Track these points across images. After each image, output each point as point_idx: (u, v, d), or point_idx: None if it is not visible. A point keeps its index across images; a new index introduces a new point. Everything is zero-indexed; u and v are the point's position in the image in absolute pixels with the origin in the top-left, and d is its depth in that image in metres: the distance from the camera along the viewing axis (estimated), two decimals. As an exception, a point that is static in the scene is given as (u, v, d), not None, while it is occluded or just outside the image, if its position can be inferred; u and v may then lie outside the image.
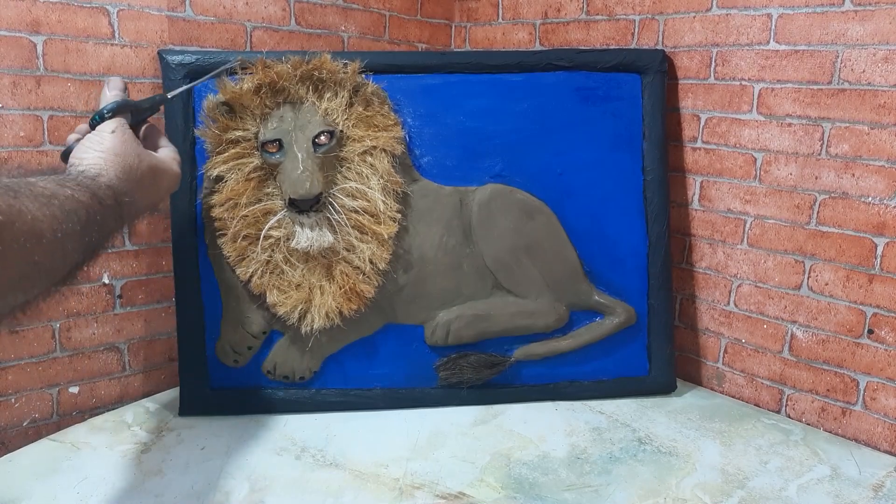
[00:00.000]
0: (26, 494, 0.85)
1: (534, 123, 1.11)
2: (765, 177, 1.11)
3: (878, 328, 1.02)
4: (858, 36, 0.99)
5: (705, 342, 1.23)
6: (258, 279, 1.02)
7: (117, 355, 1.11)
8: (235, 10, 1.15)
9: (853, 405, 1.06)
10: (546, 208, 1.11)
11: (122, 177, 0.68)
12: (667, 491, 0.90)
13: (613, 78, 1.13)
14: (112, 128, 0.71)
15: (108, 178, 0.66)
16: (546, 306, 1.11)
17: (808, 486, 0.92)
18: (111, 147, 0.69)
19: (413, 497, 0.87)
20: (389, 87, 1.06)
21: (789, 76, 1.07)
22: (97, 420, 1.05)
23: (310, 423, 1.05)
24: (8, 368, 1.00)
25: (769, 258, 1.13)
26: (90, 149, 0.68)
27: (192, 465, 0.93)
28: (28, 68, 0.96)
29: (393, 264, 1.05)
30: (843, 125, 1.02)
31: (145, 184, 0.72)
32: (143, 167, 0.71)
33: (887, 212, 0.99)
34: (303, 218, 0.98)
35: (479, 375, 1.11)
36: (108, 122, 0.72)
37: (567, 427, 1.06)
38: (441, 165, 1.09)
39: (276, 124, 0.99)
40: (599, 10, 1.27)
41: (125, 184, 0.68)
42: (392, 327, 1.10)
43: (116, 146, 0.69)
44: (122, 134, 0.71)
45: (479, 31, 1.46)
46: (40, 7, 0.96)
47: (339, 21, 1.29)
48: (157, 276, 1.13)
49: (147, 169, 0.72)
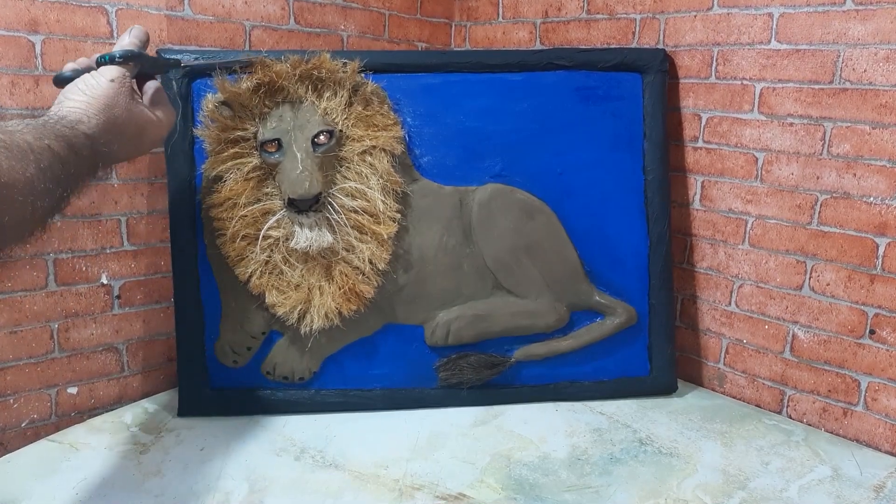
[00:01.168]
0: (25, 495, 0.85)
1: (534, 123, 1.11)
2: (766, 176, 1.11)
3: (879, 328, 1.02)
4: (860, 35, 0.99)
5: (706, 343, 1.23)
6: (257, 279, 1.02)
7: (116, 356, 1.11)
8: (234, 10, 1.15)
9: (854, 406, 1.05)
10: (546, 208, 1.11)
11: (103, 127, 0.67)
12: (668, 492, 0.89)
13: (614, 77, 1.12)
14: (113, 76, 0.71)
15: (89, 125, 0.66)
16: (546, 306, 1.11)
17: (810, 486, 0.92)
18: (103, 95, 0.69)
19: (413, 498, 0.86)
20: (389, 87, 1.05)
21: (791, 76, 1.06)
22: (96, 421, 1.05)
23: (309, 423, 1.05)
24: (6, 369, 0.99)
25: (770, 258, 1.12)
26: (82, 91, 0.68)
27: (191, 466, 0.92)
28: (26, 68, 0.95)
29: (393, 264, 1.05)
30: (845, 125, 1.02)
31: (127, 136, 0.71)
32: (130, 122, 0.71)
33: (889, 212, 0.99)
34: (302, 218, 0.98)
35: (480, 376, 1.10)
36: (112, 68, 0.71)
37: (567, 428, 1.05)
38: (441, 165, 1.09)
39: (275, 124, 0.98)
40: (600, 9, 1.27)
41: (105, 134, 0.67)
42: (392, 327, 1.09)
43: (110, 96, 0.69)
44: (121, 86, 0.71)
45: (479, 30, 1.45)
46: (39, 6, 0.95)
47: (338, 20, 1.29)
48: (155, 277, 1.13)
49: (133, 124, 0.72)
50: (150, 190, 1.10)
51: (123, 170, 1.06)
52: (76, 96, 0.68)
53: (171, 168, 1.03)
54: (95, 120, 0.67)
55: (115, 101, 0.69)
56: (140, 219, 1.10)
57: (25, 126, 0.57)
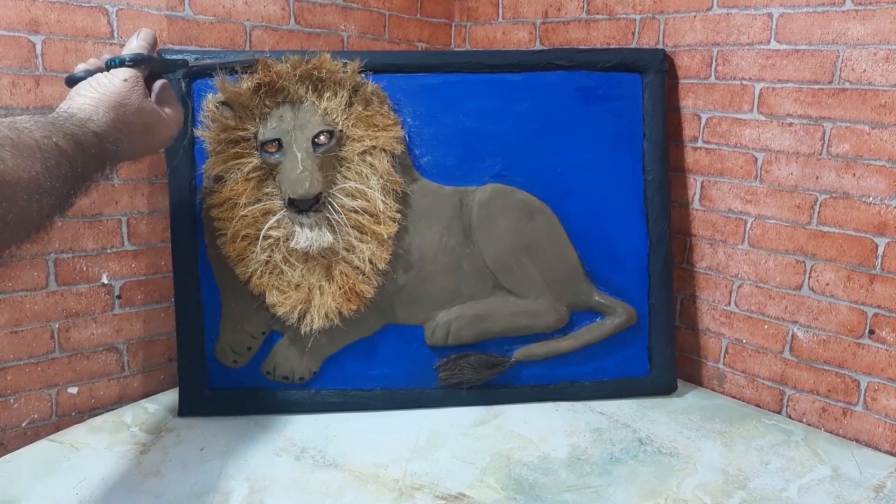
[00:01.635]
0: (25, 495, 0.85)
1: (534, 123, 1.11)
2: (765, 176, 1.11)
3: (879, 328, 1.02)
4: (859, 35, 0.99)
5: (706, 342, 1.23)
6: (257, 279, 1.02)
7: (116, 356, 1.11)
8: (234, 10, 1.15)
9: (854, 406, 1.05)
10: (546, 208, 1.11)
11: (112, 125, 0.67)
12: (667, 492, 0.89)
13: (614, 77, 1.12)
14: (125, 76, 0.71)
15: (98, 123, 0.66)
16: (546, 306, 1.11)
17: (809, 486, 0.92)
18: (116, 94, 0.69)
19: (413, 498, 0.86)
20: (389, 87, 1.05)
21: (790, 76, 1.06)
22: (96, 421, 1.05)
23: (309, 423, 1.05)
24: (7, 369, 0.99)
25: (770, 258, 1.12)
26: (94, 89, 0.68)
27: (191, 466, 0.92)
28: (27, 68, 0.95)
29: (393, 264, 1.05)
30: (844, 125, 1.02)
31: (136, 135, 0.71)
32: (139, 121, 0.71)
33: (888, 212, 0.99)
34: (302, 218, 0.98)
35: (480, 376, 1.10)
36: (124, 69, 0.71)
37: (567, 428, 1.05)
38: (441, 165, 1.09)
39: (275, 124, 0.98)
40: (600, 10, 1.27)
41: (115, 132, 0.67)
42: (392, 327, 1.09)
43: (122, 95, 0.69)
44: (133, 85, 0.71)
45: (479, 30, 1.45)
46: (39, 6, 0.95)
47: (338, 20, 1.29)
48: (156, 277, 1.13)
49: (143, 122, 0.72)
50: (150, 190, 1.10)
51: (124, 170, 1.07)
52: (87, 93, 0.68)
53: (171, 168, 1.03)
54: (105, 117, 0.67)
55: (126, 99, 0.70)
56: (141, 219, 1.10)
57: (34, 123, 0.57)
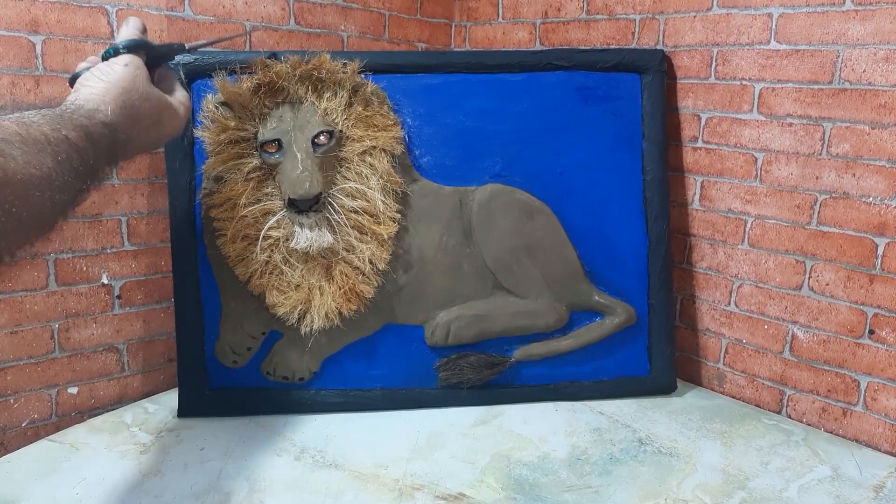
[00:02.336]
0: (25, 495, 0.85)
1: (534, 123, 1.11)
2: (765, 177, 1.11)
3: (878, 328, 1.02)
4: (859, 35, 0.99)
5: (706, 342, 1.23)
6: (257, 280, 1.02)
7: (116, 356, 1.11)
8: (234, 10, 1.15)
9: (854, 406, 1.05)
10: (546, 208, 1.11)
11: (121, 113, 0.66)
12: (667, 492, 0.89)
13: (613, 78, 1.12)
14: (125, 62, 0.70)
15: (106, 113, 0.64)
16: (546, 306, 1.11)
17: (809, 486, 0.92)
18: (119, 79, 0.67)
19: (413, 498, 0.86)
20: (389, 87, 1.05)
21: (790, 76, 1.06)
22: (96, 421, 1.05)
23: (309, 423, 1.05)
24: (7, 369, 0.99)
25: (770, 258, 1.12)
26: (98, 78, 0.67)
27: (191, 466, 0.92)
28: (27, 68, 0.95)
29: (392, 264, 1.05)
30: (844, 125, 1.02)
31: (146, 124, 0.70)
32: (147, 107, 0.69)
33: (888, 212, 0.99)
34: (302, 218, 0.98)
35: (480, 376, 1.10)
36: (122, 56, 0.70)
37: (567, 427, 1.05)
38: (441, 165, 1.09)
39: (275, 124, 0.98)
40: (600, 10, 1.27)
41: (124, 121, 0.66)
42: (392, 327, 1.09)
43: (126, 80, 0.68)
44: (135, 69, 0.70)
45: (479, 30, 1.45)
46: (39, 7, 0.95)
47: (338, 20, 1.29)
48: (156, 277, 1.13)
49: (151, 109, 0.70)
50: (150, 190, 1.10)
51: (124, 170, 1.07)
52: (92, 83, 0.66)
53: (171, 168, 1.03)
54: (113, 105, 0.65)
55: (132, 84, 0.68)
56: (140, 219, 1.10)
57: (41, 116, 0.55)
